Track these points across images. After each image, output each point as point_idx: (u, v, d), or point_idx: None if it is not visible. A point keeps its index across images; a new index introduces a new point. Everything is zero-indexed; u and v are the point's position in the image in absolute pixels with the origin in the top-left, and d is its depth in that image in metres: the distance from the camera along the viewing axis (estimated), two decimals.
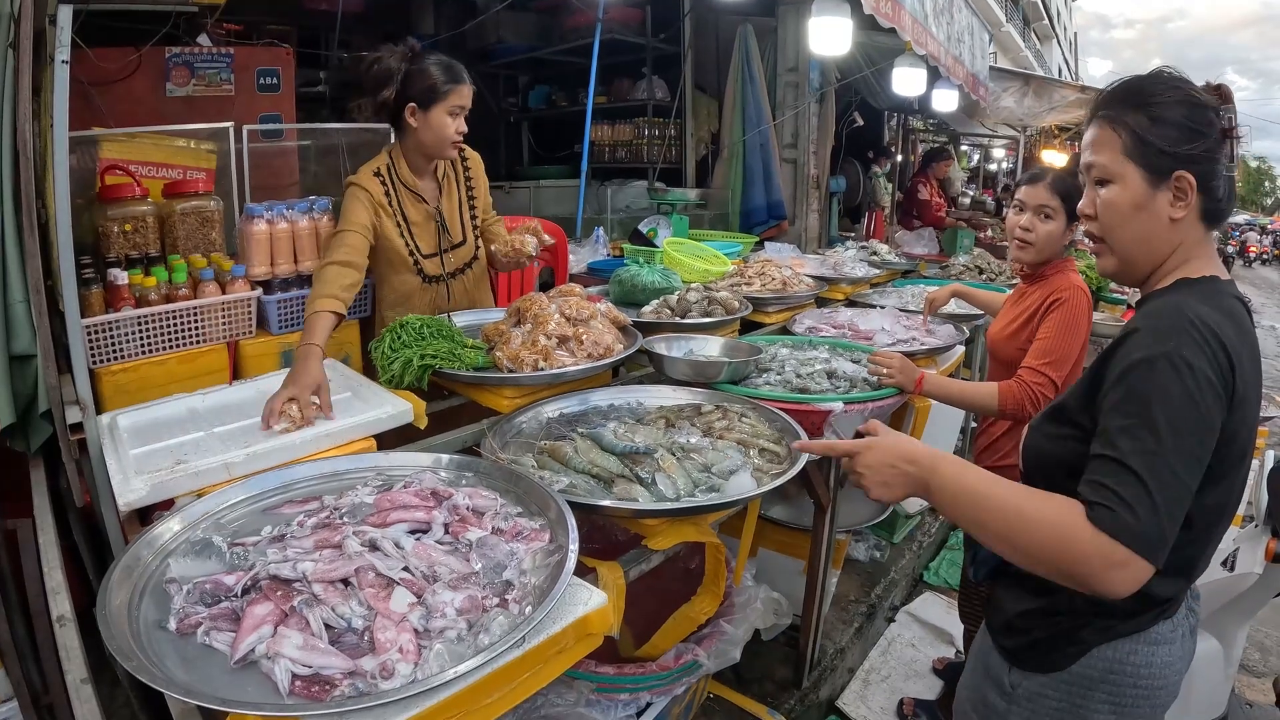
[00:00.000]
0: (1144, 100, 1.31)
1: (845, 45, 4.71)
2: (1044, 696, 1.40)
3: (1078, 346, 2.36)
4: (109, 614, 1.13)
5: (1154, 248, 1.35)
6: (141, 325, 2.27)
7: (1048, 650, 1.40)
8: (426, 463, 1.70)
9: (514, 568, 1.28)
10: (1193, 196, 1.28)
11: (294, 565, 1.22)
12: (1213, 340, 1.18)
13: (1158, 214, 1.31)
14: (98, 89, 3.43)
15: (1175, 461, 1.13)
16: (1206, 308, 1.22)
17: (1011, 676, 1.45)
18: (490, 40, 7.51)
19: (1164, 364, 1.15)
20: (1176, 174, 1.28)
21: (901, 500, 1.37)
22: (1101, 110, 1.36)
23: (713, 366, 2.34)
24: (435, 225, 2.68)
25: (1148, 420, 1.14)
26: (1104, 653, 1.35)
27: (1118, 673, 1.35)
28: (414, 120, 2.52)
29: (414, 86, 2.50)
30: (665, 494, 1.67)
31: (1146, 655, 1.35)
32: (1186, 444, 1.14)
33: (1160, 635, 1.36)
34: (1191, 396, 1.14)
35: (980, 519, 1.24)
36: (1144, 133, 1.29)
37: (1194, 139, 1.27)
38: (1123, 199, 1.33)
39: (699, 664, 2.07)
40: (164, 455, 1.68)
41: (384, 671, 1.03)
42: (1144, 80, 1.34)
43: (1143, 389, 1.16)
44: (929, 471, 1.30)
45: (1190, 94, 1.29)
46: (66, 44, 1.82)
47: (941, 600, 3.99)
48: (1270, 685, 3.45)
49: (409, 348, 2.11)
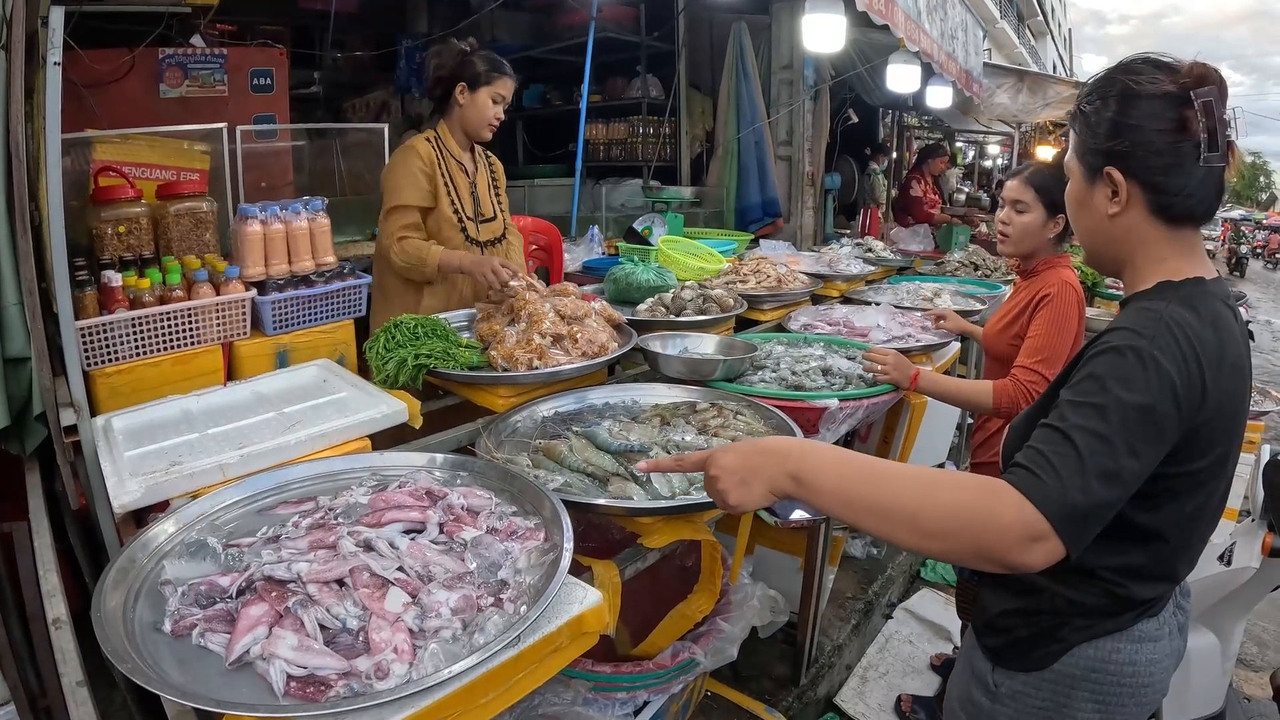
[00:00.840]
0: (1085, 95, 1.31)
1: (839, 42, 4.70)
2: (1027, 695, 1.39)
3: (1069, 342, 2.37)
4: (104, 617, 1.13)
5: (1104, 242, 1.34)
6: (136, 327, 2.26)
7: (1029, 649, 1.38)
8: (421, 462, 1.70)
9: (509, 567, 1.28)
10: (1125, 192, 1.25)
11: (289, 566, 1.22)
12: (1187, 350, 1.15)
13: (1096, 210, 1.31)
14: (91, 91, 3.43)
15: (1118, 448, 1.07)
16: (1189, 314, 1.19)
17: (995, 676, 1.43)
18: (484, 39, 7.49)
19: (1131, 356, 1.13)
20: (1105, 170, 1.26)
21: (763, 503, 1.18)
22: (1071, 110, 1.37)
23: (708, 364, 2.34)
24: (472, 197, 3.03)
25: (1101, 402, 1.10)
26: (1086, 651, 1.33)
27: (1100, 671, 1.33)
28: (462, 98, 2.92)
29: (466, 70, 2.91)
30: (660, 492, 1.67)
31: (1130, 653, 1.33)
32: (1132, 436, 1.09)
33: (1145, 633, 1.34)
34: (1150, 393, 1.10)
35: (878, 500, 1.09)
36: (1080, 130, 1.31)
37: (1120, 133, 1.24)
38: (1070, 195, 1.37)
39: (696, 662, 2.07)
40: (158, 457, 1.68)
41: (379, 672, 1.03)
42: (1100, 74, 1.32)
43: (1103, 372, 1.13)
44: (797, 458, 1.14)
45: (1134, 85, 1.24)
46: (58, 45, 1.82)
47: (939, 597, 4.00)
48: (1268, 680, 3.47)
49: (403, 347, 2.11)
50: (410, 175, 2.82)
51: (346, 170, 3.52)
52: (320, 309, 2.65)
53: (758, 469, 1.16)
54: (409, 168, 2.82)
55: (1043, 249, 2.55)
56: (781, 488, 1.15)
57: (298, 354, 2.58)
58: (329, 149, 3.53)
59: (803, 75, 5.86)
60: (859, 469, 1.12)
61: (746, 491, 1.17)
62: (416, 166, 2.82)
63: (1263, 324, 13.92)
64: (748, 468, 1.17)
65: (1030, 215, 2.52)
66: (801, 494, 1.14)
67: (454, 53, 2.92)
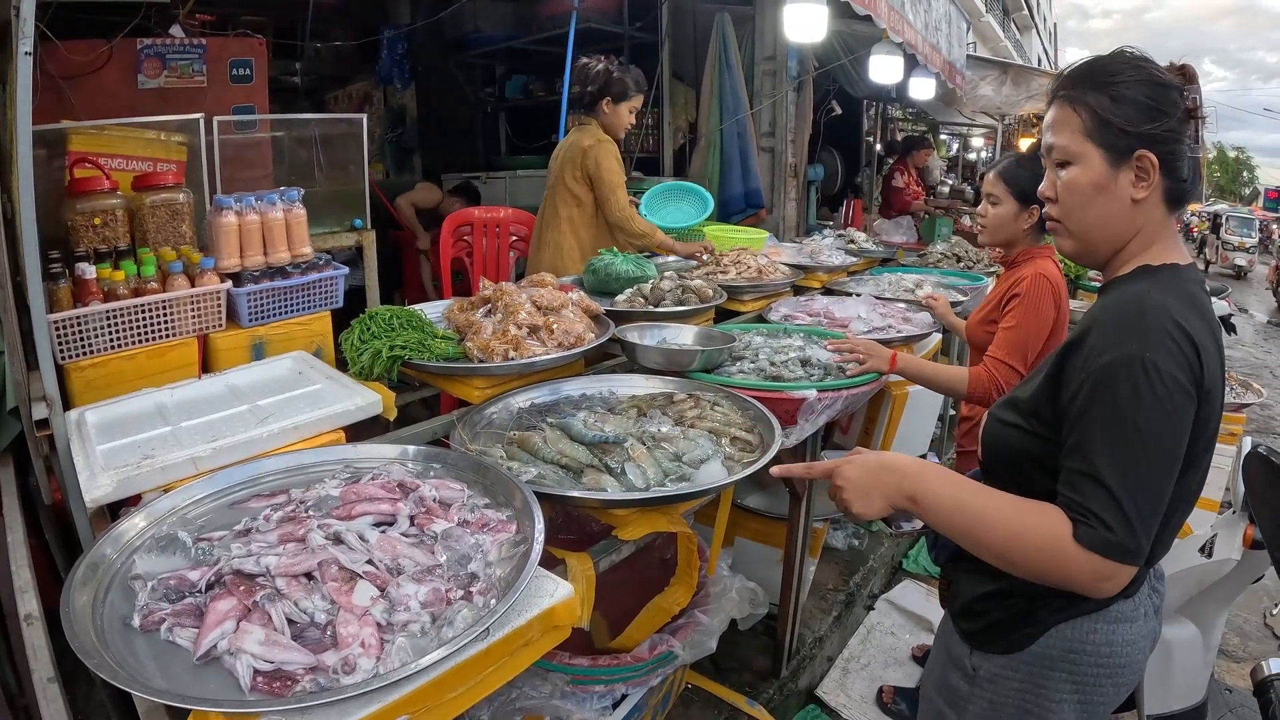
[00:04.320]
0: (1105, 79, 1.30)
1: (821, 32, 4.70)
2: (1005, 678, 1.41)
3: (1041, 333, 2.43)
4: (72, 613, 1.12)
5: (1114, 230, 1.34)
6: (110, 320, 2.24)
7: (1006, 631, 1.40)
8: (395, 454, 1.69)
9: (479, 560, 1.28)
10: (1155, 177, 1.27)
11: (258, 560, 1.21)
12: (1180, 337, 1.17)
13: (1119, 195, 1.30)
14: (69, 82, 3.40)
15: (1148, 471, 1.15)
16: (1170, 299, 1.22)
17: (973, 659, 1.46)
18: (467, 30, 7.46)
19: (1132, 370, 1.16)
20: (1138, 154, 1.27)
21: (881, 514, 1.33)
22: (1061, 91, 1.35)
23: (685, 354, 2.34)
24: None
25: (1119, 433, 1.16)
26: (1063, 632, 1.35)
27: (1078, 651, 1.35)
28: (607, 109, 3.64)
29: (613, 87, 3.60)
30: (635, 483, 1.66)
31: (1107, 634, 1.35)
32: (1158, 451, 1.16)
33: (1121, 613, 1.36)
34: (1161, 402, 1.15)
35: (975, 537, 1.25)
36: (1105, 112, 1.28)
37: (1156, 118, 1.26)
38: (1083, 180, 1.33)
39: (674, 655, 2.07)
40: (131, 451, 1.67)
41: (346, 666, 1.02)
42: (1105, 60, 1.33)
43: (1112, 399, 1.17)
44: (914, 480, 1.29)
45: (1152, 73, 1.28)
46: (30, 35, 1.79)
47: (921, 587, 4.01)
48: (1249, 671, 3.50)
49: (378, 339, 2.10)
50: (619, 160, 3.63)
51: (326, 161, 3.48)
52: (296, 301, 2.63)
53: (880, 484, 1.32)
54: (617, 154, 3.64)
55: (1020, 239, 2.61)
56: (899, 504, 1.31)
57: (274, 346, 2.56)
58: (308, 140, 3.49)
59: (786, 66, 5.85)
60: (962, 505, 1.26)
61: (868, 503, 1.32)
62: (618, 153, 3.64)
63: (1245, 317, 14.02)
64: (871, 482, 1.32)
65: (1002, 207, 2.59)
66: (916, 511, 1.30)
67: (604, 71, 3.58)
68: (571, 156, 3.64)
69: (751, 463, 1.79)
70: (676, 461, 1.76)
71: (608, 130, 3.68)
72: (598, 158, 3.57)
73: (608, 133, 3.68)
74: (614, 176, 3.58)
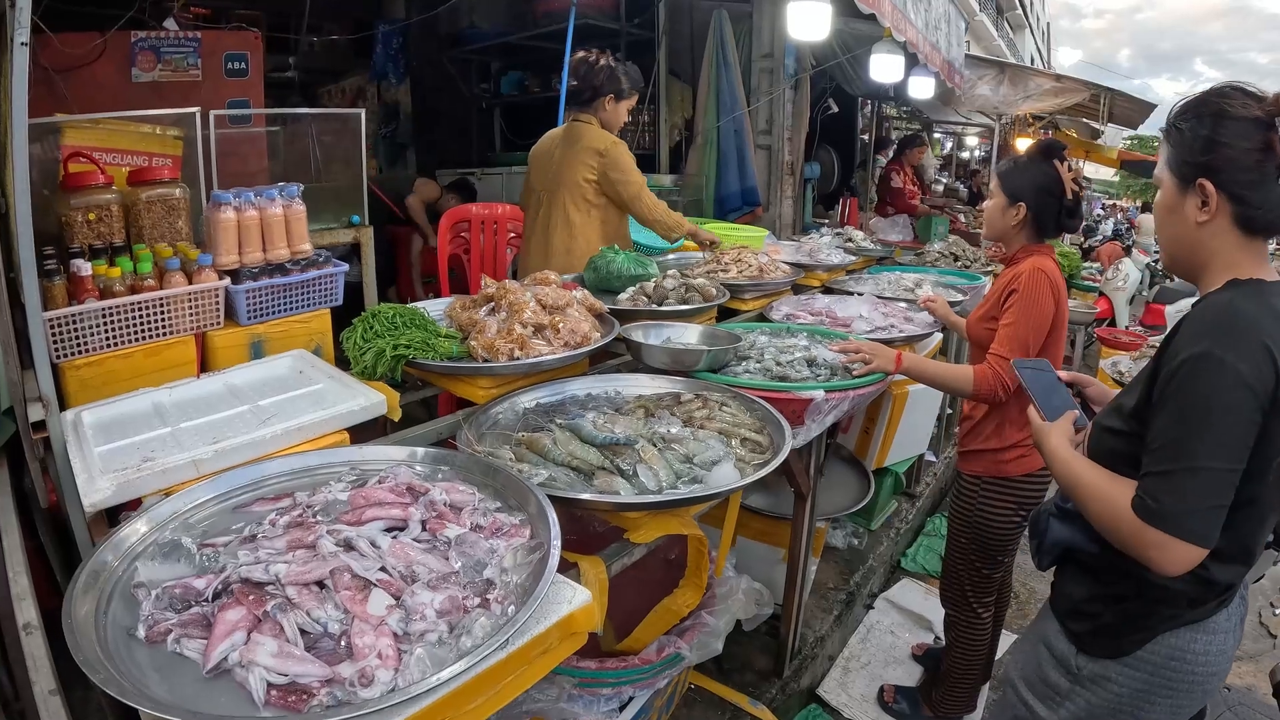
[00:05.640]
0: (1181, 113, 1.44)
1: (824, 31, 4.70)
2: (1108, 679, 1.53)
3: (1041, 327, 2.44)
4: (75, 624, 1.08)
5: (1186, 248, 1.48)
6: (106, 318, 2.20)
7: (1115, 635, 1.52)
8: (401, 456, 1.66)
9: (494, 565, 1.24)
10: (1215, 203, 1.39)
11: (266, 567, 1.17)
12: (1252, 339, 1.29)
13: (1186, 218, 1.44)
14: (62, 75, 3.35)
15: (1205, 455, 1.29)
16: (1251, 305, 1.34)
17: (1078, 660, 1.57)
18: (462, 25, 7.41)
19: (1204, 364, 1.29)
20: (1198, 181, 1.40)
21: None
22: (1164, 123, 1.50)
23: (691, 354, 2.31)
24: None
25: (1184, 419, 1.31)
26: (1168, 640, 1.47)
27: (1179, 659, 1.47)
28: (608, 106, 3.58)
29: (616, 84, 3.55)
30: (647, 486, 1.63)
31: (1205, 644, 1.47)
32: (1216, 439, 1.29)
33: (1218, 625, 1.48)
34: (1227, 396, 1.28)
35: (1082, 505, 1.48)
36: (1174, 143, 1.44)
37: (1213, 149, 1.37)
38: (1160, 202, 1.51)
39: (681, 656, 2.06)
40: (130, 453, 1.62)
41: (363, 678, 0.99)
42: (1196, 95, 1.45)
43: (1183, 390, 1.32)
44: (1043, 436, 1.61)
45: (1225, 107, 1.37)
46: (26, 25, 1.74)
47: (919, 586, 4.01)
48: (1250, 669, 3.51)
49: (381, 338, 2.06)
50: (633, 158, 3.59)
51: (323, 156, 3.44)
52: (296, 298, 2.60)
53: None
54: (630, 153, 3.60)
55: (1011, 235, 2.61)
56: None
57: (273, 344, 2.53)
58: (304, 135, 3.45)
59: (783, 64, 5.82)
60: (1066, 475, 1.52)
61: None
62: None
63: None
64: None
65: (993, 202, 2.63)
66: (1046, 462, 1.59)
67: (607, 66, 3.54)
68: (583, 159, 3.49)
69: (763, 464, 1.77)
70: (688, 463, 1.74)
71: (605, 127, 3.61)
72: (618, 160, 3.48)
73: (606, 129, 3.61)
74: (638, 177, 3.53)
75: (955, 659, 2.89)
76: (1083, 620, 1.57)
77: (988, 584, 2.74)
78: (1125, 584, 1.49)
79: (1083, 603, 1.57)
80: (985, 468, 2.62)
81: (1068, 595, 1.62)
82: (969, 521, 2.67)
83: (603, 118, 3.60)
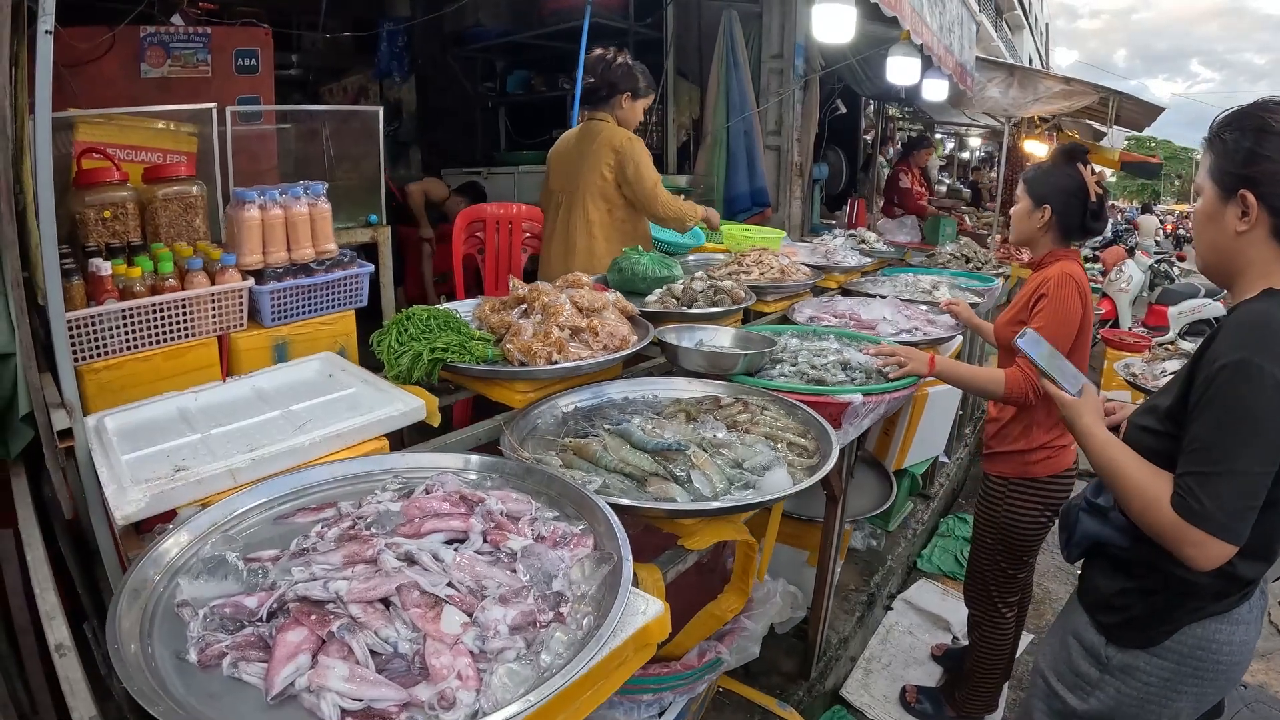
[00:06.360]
0: (1226, 124, 1.47)
1: (849, 33, 4.68)
2: (1137, 669, 1.58)
3: (1070, 331, 2.44)
4: (121, 650, 1.01)
5: (1223, 256, 1.51)
6: (126, 319, 2.13)
7: (1143, 627, 1.57)
8: (447, 463, 1.59)
9: (563, 577, 1.18)
10: (1255, 214, 1.42)
11: (324, 584, 1.11)
12: None
13: (1225, 227, 1.47)
14: (69, 70, 3.27)
15: (1244, 459, 1.34)
16: None
17: (1108, 650, 1.63)
18: (467, 24, 7.35)
19: (1243, 371, 1.34)
20: (1240, 192, 1.43)
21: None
22: (1207, 134, 1.53)
23: (729, 358, 2.26)
24: None
25: (1222, 423, 1.36)
26: (1194, 631, 1.53)
27: (1205, 649, 1.53)
28: (625, 104, 3.54)
29: (633, 82, 3.51)
30: (702, 492, 1.58)
31: (1229, 634, 1.52)
32: (1256, 442, 1.34)
33: (1241, 616, 1.53)
34: (1264, 401, 1.33)
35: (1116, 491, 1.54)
36: (1217, 153, 1.48)
37: (1256, 161, 1.40)
38: (1201, 210, 1.54)
39: (722, 661, 2.04)
40: (160, 461, 1.56)
41: (443, 701, 0.93)
42: (1240, 107, 1.48)
43: (1222, 395, 1.37)
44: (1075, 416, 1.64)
45: (1269, 122, 1.40)
46: (51, 12, 1.66)
47: (936, 587, 4.00)
48: (1268, 668, 3.48)
49: (417, 340, 1.99)
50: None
51: (336, 154, 3.37)
52: (321, 299, 2.53)
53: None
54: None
55: (1037, 239, 2.64)
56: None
57: (297, 347, 2.46)
58: (315, 133, 3.38)
59: (793, 65, 5.78)
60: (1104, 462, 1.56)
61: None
62: None
63: None
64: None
65: (1019, 205, 2.65)
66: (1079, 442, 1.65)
67: (624, 64, 3.51)
68: (601, 156, 3.45)
69: (814, 468, 1.73)
70: (739, 469, 1.69)
71: (625, 125, 3.57)
72: (633, 154, 3.43)
73: (625, 126, 3.57)
74: (654, 173, 3.47)
75: (979, 658, 2.90)
76: (1112, 613, 1.63)
77: (1013, 584, 2.76)
78: (1154, 578, 1.54)
79: (1113, 596, 1.63)
80: (1012, 469, 2.63)
81: (1097, 589, 1.68)
82: (995, 523, 2.69)
83: (619, 116, 3.55)
